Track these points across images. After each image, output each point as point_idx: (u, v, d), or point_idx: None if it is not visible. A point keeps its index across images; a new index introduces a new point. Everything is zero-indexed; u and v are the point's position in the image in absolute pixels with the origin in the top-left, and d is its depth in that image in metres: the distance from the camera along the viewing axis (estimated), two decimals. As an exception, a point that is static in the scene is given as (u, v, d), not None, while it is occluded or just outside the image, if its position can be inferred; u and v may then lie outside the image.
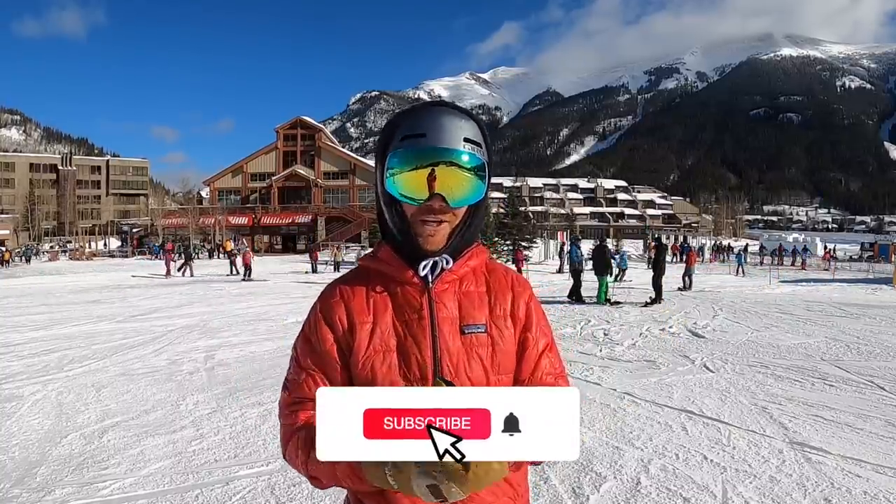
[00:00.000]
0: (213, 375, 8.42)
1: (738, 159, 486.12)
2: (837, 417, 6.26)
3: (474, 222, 1.55)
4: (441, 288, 1.51)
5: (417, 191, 1.41)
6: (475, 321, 1.51)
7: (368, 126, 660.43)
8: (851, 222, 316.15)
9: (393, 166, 1.43)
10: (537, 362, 1.56)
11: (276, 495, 4.38)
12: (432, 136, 1.41)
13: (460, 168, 1.40)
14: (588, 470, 4.82)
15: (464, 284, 1.56)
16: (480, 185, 1.45)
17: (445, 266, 1.51)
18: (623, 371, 8.62)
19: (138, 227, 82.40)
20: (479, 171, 1.44)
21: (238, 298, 20.11)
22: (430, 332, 1.47)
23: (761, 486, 4.51)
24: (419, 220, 1.46)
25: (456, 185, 1.41)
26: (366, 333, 1.49)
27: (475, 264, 1.58)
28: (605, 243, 19.74)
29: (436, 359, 1.45)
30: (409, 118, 1.48)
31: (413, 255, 1.50)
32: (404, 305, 1.50)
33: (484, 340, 1.50)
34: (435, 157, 1.40)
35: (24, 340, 11.33)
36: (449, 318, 1.49)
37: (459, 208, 1.46)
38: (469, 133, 1.43)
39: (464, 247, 1.56)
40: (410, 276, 1.50)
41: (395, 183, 1.43)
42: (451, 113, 1.46)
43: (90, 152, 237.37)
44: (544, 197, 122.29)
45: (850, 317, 14.33)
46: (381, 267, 1.55)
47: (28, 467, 4.95)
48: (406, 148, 1.42)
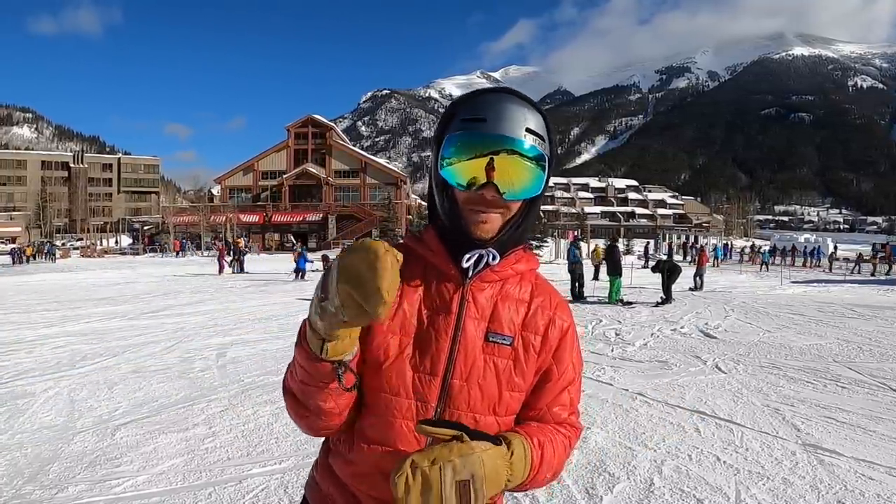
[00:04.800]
0: (225, 373, 8.43)
1: (749, 159, 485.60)
2: (850, 419, 6.24)
3: (529, 218, 1.47)
4: (478, 287, 1.45)
5: (475, 179, 1.35)
6: (503, 331, 1.45)
7: (379, 125, 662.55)
8: (863, 223, 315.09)
9: (449, 152, 1.38)
10: (556, 396, 1.51)
11: (289, 494, 4.38)
12: (493, 122, 1.35)
13: (521, 157, 1.35)
14: (601, 470, 4.82)
15: (505, 287, 1.49)
16: (539, 178, 1.39)
17: (491, 261, 1.44)
18: (635, 371, 8.60)
19: (149, 225, 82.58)
20: (540, 162, 1.38)
21: (249, 296, 20.14)
22: (454, 329, 1.42)
23: (774, 487, 4.49)
24: (469, 209, 1.39)
25: (514, 175, 1.35)
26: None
27: (523, 269, 1.52)
28: (617, 243, 19.69)
29: (451, 358, 1.40)
30: (470, 102, 1.42)
31: (459, 243, 1.43)
32: (435, 295, 1.45)
33: (506, 353, 1.45)
34: (494, 146, 1.34)
35: (36, 337, 11.36)
36: (475, 319, 1.44)
37: (514, 202, 1.40)
38: (532, 124, 1.37)
39: (512, 244, 1.48)
40: (451, 267, 1.44)
41: (451, 170, 1.37)
42: (514, 100, 1.39)
43: (101, 150, 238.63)
44: (555, 196, 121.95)
45: (862, 318, 14.26)
46: (423, 251, 1.48)
47: (41, 464, 4.96)
48: (464, 132, 1.37)
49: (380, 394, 1.41)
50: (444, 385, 1.40)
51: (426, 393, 1.39)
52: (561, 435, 1.49)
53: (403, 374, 1.40)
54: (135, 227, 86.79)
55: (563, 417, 1.52)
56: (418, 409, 1.39)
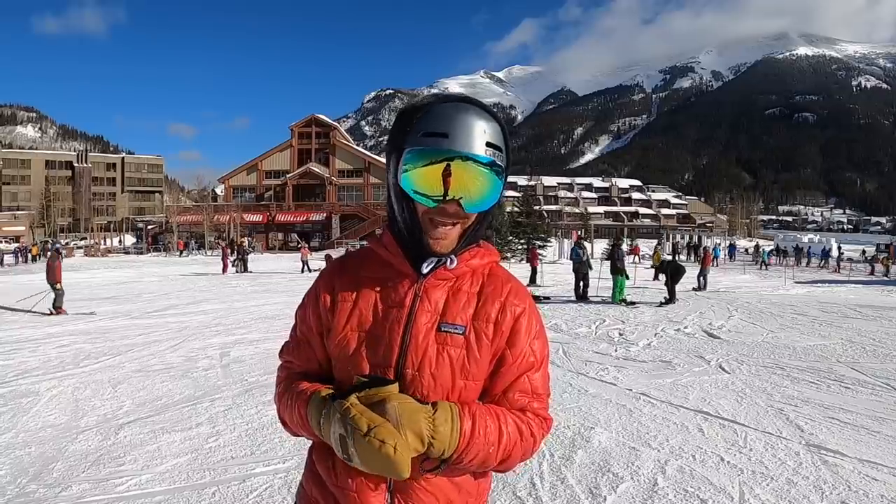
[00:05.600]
0: (228, 372, 8.44)
1: (752, 159, 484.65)
2: (854, 420, 6.22)
3: (484, 224, 1.52)
4: (432, 283, 1.50)
5: (432, 188, 1.38)
6: (455, 321, 1.49)
7: (383, 124, 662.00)
8: (867, 223, 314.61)
9: (409, 167, 1.40)
10: (514, 381, 1.52)
11: (292, 493, 4.37)
12: (455, 137, 1.37)
13: (477, 173, 1.39)
14: (605, 470, 4.81)
15: (457, 282, 1.53)
16: (496, 188, 1.43)
17: (449, 265, 1.49)
18: (639, 371, 8.59)
19: (153, 224, 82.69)
20: (497, 174, 1.42)
21: (253, 296, 20.16)
22: (406, 321, 1.46)
23: (778, 488, 4.49)
24: (430, 219, 1.43)
25: (472, 186, 1.39)
26: (345, 313, 1.52)
27: (478, 264, 1.56)
28: (620, 243, 19.67)
29: (402, 349, 1.45)
30: (431, 113, 1.42)
31: (418, 253, 1.49)
32: (391, 291, 1.51)
33: (459, 342, 1.48)
34: (453, 158, 1.37)
35: (40, 336, 11.39)
36: (428, 312, 1.49)
37: (473, 213, 1.44)
38: (491, 136, 1.40)
39: (468, 246, 1.54)
40: (406, 267, 1.50)
41: (410, 179, 1.40)
42: (475, 112, 1.41)
43: (105, 150, 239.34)
44: (559, 196, 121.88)
45: (866, 318, 14.22)
46: (381, 251, 1.56)
47: (45, 463, 4.97)
48: (427, 147, 1.39)
49: (343, 385, 1.48)
50: (397, 375, 1.44)
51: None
52: (515, 418, 1.49)
53: (360, 367, 1.46)
54: (138, 226, 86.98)
55: (523, 403, 1.53)
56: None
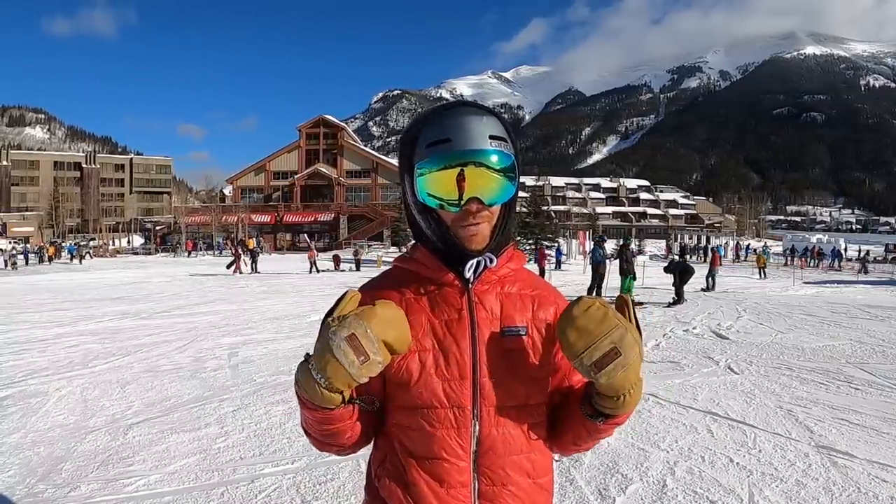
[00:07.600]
0: (237, 373, 8.45)
1: (760, 159, 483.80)
2: (863, 421, 6.19)
3: (510, 219, 1.53)
4: (481, 289, 1.49)
5: (448, 192, 1.39)
6: (515, 323, 1.49)
7: (390, 125, 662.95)
8: (875, 223, 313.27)
9: (423, 179, 1.42)
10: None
11: (301, 493, 4.38)
12: (458, 139, 1.38)
13: (489, 168, 1.39)
14: (614, 472, 4.80)
15: (505, 286, 1.53)
16: (511, 182, 1.43)
17: (489, 264, 1.48)
18: (647, 372, 8.54)
19: (161, 225, 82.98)
20: (509, 170, 1.42)
21: (261, 296, 20.20)
22: (470, 331, 1.45)
23: (788, 489, 4.47)
24: (459, 225, 1.43)
25: (485, 185, 1.39)
26: None
27: (516, 266, 1.57)
28: (629, 243, 19.64)
29: (475, 359, 1.44)
30: (430, 125, 1.45)
31: (455, 258, 1.47)
32: (443, 305, 1.48)
33: (524, 343, 1.48)
34: (463, 160, 1.38)
35: (48, 336, 11.42)
36: (489, 319, 1.47)
37: (495, 206, 1.44)
38: (493, 130, 1.41)
39: (502, 245, 1.53)
40: (450, 277, 1.48)
41: (426, 188, 1.41)
42: (472, 112, 1.43)
43: (114, 151, 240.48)
44: (566, 196, 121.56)
45: (875, 319, 14.14)
46: (418, 269, 1.52)
47: (53, 463, 4.98)
48: (433, 156, 1.40)
49: (415, 411, 1.45)
50: (476, 386, 1.43)
51: (460, 398, 1.43)
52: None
53: (433, 387, 1.43)
54: (147, 227, 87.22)
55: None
56: (456, 415, 1.43)
